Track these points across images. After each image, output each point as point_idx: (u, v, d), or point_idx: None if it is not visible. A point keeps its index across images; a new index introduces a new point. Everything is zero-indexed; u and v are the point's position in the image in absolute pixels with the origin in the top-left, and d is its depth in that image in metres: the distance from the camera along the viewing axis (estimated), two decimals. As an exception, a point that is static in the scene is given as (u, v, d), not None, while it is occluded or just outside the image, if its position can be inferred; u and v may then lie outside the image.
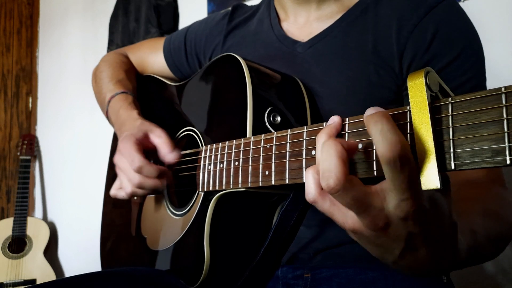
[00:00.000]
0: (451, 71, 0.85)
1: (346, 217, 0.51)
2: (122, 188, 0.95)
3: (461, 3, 1.45)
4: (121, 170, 0.94)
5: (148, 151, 0.95)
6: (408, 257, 0.52)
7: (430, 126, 0.43)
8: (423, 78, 0.44)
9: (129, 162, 0.91)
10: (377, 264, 0.86)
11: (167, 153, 0.93)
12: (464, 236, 0.59)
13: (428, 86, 0.44)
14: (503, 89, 0.39)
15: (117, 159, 0.95)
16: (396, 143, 0.44)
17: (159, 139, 0.94)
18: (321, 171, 0.48)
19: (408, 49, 0.87)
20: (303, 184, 0.56)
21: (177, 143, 1.03)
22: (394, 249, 0.52)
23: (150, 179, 0.91)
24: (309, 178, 0.53)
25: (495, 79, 0.96)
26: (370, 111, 0.48)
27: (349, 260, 0.89)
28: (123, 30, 2.67)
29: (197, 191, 0.88)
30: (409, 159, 0.44)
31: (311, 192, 0.53)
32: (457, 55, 0.85)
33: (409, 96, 0.45)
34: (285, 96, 0.87)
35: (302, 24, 1.03)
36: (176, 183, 1.03)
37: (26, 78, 3.47)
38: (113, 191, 0.97)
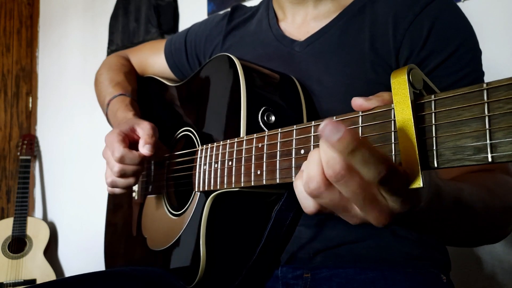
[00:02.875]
0: (448, 67, 0.85)
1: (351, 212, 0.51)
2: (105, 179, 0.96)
3: (460, 3, 1.44)
4: (106, 161, 0.96)
5: (134, 143, 0.97)
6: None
7: (413, 124, 0.43)
8: (406, 76, 0.44)
9: (111, 152, 0.92)
10: (377, 264, 0.87)
11: (142, 145, 0.93)
12: (449, 188, 0.58)
13: (411, 84, 0.44)
14: (485, 85, 0.39)
15: (103, 152, 0.97)
16: (382, 162, 0.43)
17: (142, 130, 0.95)
18: (325, 161, 0.47)
19: (404, 46, 0.87)
20: None
21: (175, 143, 1.04)
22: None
23: (131, 166, 0.92)
24: (313, 160, 0.49)
25: (494, 79, 0.96)
26: (332, 132, 0.42)
27: (349, 260, 0.89)
28: (123, 30, 2.67)
29: (194, 191, 0.89)
30: (396, 169, 0.44)
31: (314, 179, 0.48)
32: (454, 51, 0.85)
33: (393, 94, 0.45)
34: (281, 96, 0.87)
35: (299, 24, 1.03)
36: (175, 183, 1.03)
37: (26, 78, 3.47)
38: (108, 180, 0.98)
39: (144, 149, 0.92)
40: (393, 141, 0.47)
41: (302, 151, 0.59)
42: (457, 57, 0.85)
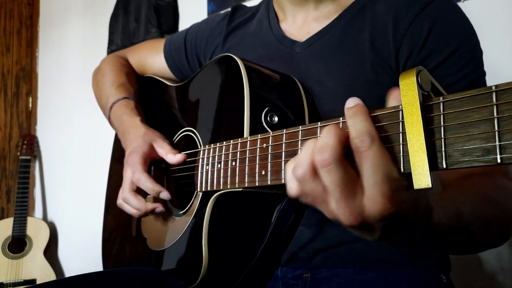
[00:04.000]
0: (448, 67, 0.85)
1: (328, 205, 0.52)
2: (139, 209, 0.98)
3: (460, 3, 1.45)
4: (124, 180, 0.99)
5: (154, 162, 1.01)
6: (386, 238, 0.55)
7: (422, 125, 0.43)
8: (415, 77, 0.44)
9: (132, 172, 0.96)
10: (377, 264, 0.87)
11: (171, 158, 0.97)
12: (447, 217, 0.60)
13: (419, 85, 0.44)
14: (493, 87, 0.39)
15: (124, 170, 1.00)
16: (369, 131, 0.48)
17: (162, 149, 0.99)
18: (318, 146, 0.49)
19: (404, 46, 0.87)
20: None
21: (176, 144, 1.04)
22: (373, 234, 0.53)
23: (134, 199, 0.96)
24: (307, 147, 0.52)
25: (495, 79, 0.96)
26: (350, 103, 0.51)
27: (349, 260, 0.89)
28: (123, 30, 2.67)
29: (196, 191, 0.89)
30: (374, 137, 0.48)
31: (302, 165, 0.52)
32: (454, 51, 0.85)
33: (401, 95, 0.45)
34: (283, 96, 0.87)
35: (300, 24, 1.03)
36: (176, 184, 1.03)
37: (26, 78, 3.47)
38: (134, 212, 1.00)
39: (173, 160, 0.97)
40: (401, 142, 0.47)
41: (308, 152, 0.59)
42: (457, 57, 0.85)
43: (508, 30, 1.39)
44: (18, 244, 2.93)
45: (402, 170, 0.47)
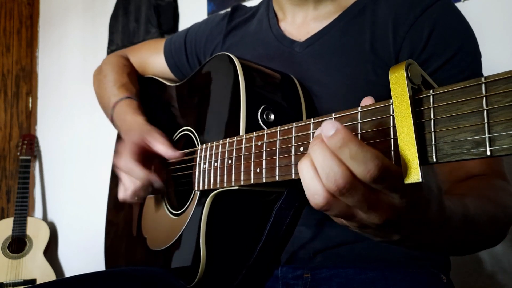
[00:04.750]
0: (448, 70, 0.85)
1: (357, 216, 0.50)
2: (126, 189, 0.96)
3: (461, 3, 1.44)
4: (121, 171, 0.97)
5: (149, 155, 0.97)
6: (411, 237, 0.54)
7: (412, 119, 0.43)
8: (404, 71, 0.44)
9: (123, 162, 0.93)
10: (377, 264, 0.87)
11: (166, 151, 0.94)
12: (455, 206, 0.59)
13: (409, 79, 0.44)
14: (483, 79, 0.39)
15: (115, 160, 0.97)
16: (371, 159, 0.43)
17: (155, 140, 0.96)
18: (325, 175, 0.46)
19: (405, 48, 0.87)
20: (296, 181, 0.56)
21: (174, 143, 1.04)
22: (399, 231, 0.52)
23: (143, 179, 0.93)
24: (308, 177, 0.48)
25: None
26: (328, 128, 0.45)
27: (349, 260, 0.89)
28: (123, 30, 2.67)
29: (194, 191, 0.89)
30: (389, 167, 0.44)
31: (319, 193, 0.47)
32: (454, 54, 0.85)
33: (391, 89, 0.44)
34: (280, 94, 0.87)
35: (299, 24, 1.03)
36: (175, 183, 1.03)
37: (26, 78, 3.47)
38: (121, 194, 0.98)
39: (169, 155, 0.94)
40: (392, 136, 0.46)
41: (302, 148, 0.59)
42: (457, 60, 0.85)
43: (508, 30, 1.39)
44: (18, 244, 2.94)
45: None
